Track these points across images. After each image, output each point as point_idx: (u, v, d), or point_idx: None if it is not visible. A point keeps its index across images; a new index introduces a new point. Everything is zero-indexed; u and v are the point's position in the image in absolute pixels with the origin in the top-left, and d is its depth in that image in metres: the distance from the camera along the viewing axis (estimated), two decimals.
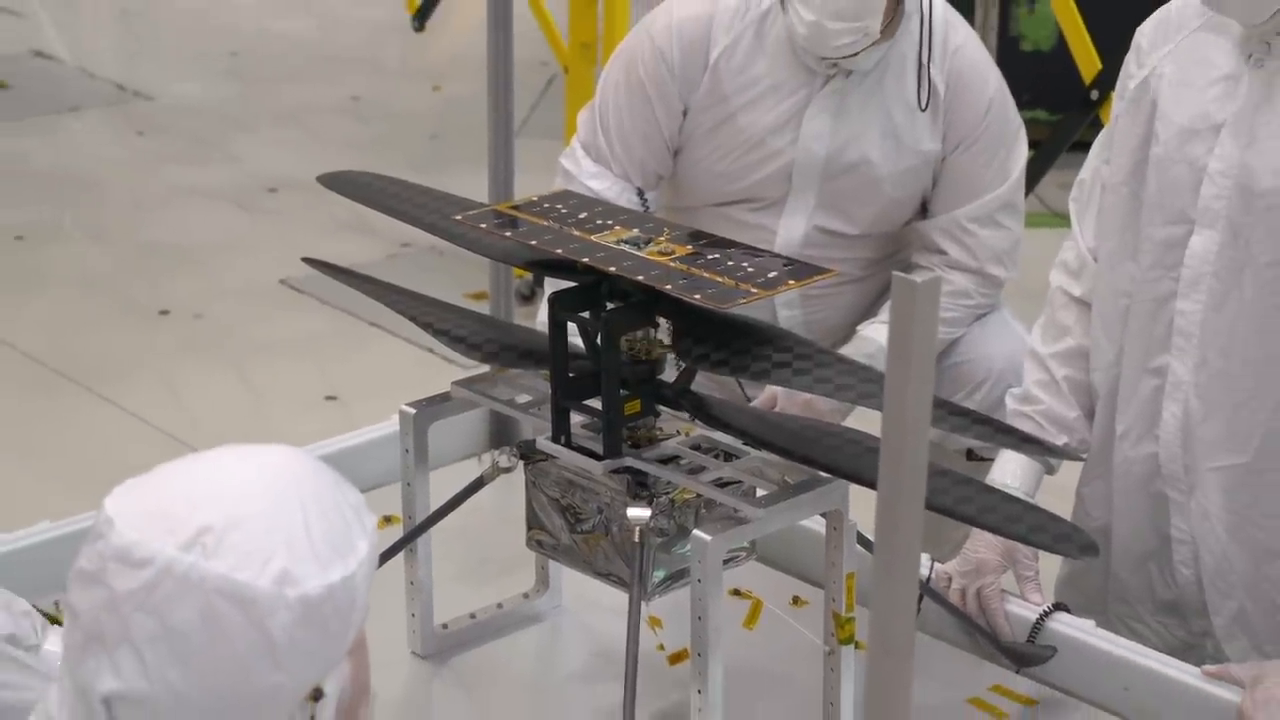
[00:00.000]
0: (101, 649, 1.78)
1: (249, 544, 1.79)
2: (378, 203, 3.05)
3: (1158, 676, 2.88)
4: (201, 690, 1.79)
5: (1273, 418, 2.97)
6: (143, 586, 1.77)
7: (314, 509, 1.85)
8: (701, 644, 2.54)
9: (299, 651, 1.82)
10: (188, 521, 1.79)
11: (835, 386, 2.56)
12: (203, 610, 1.77)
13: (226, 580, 1.77)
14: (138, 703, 1.78)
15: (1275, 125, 2.89)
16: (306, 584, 1.80)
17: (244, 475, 1.86)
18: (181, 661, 1.78)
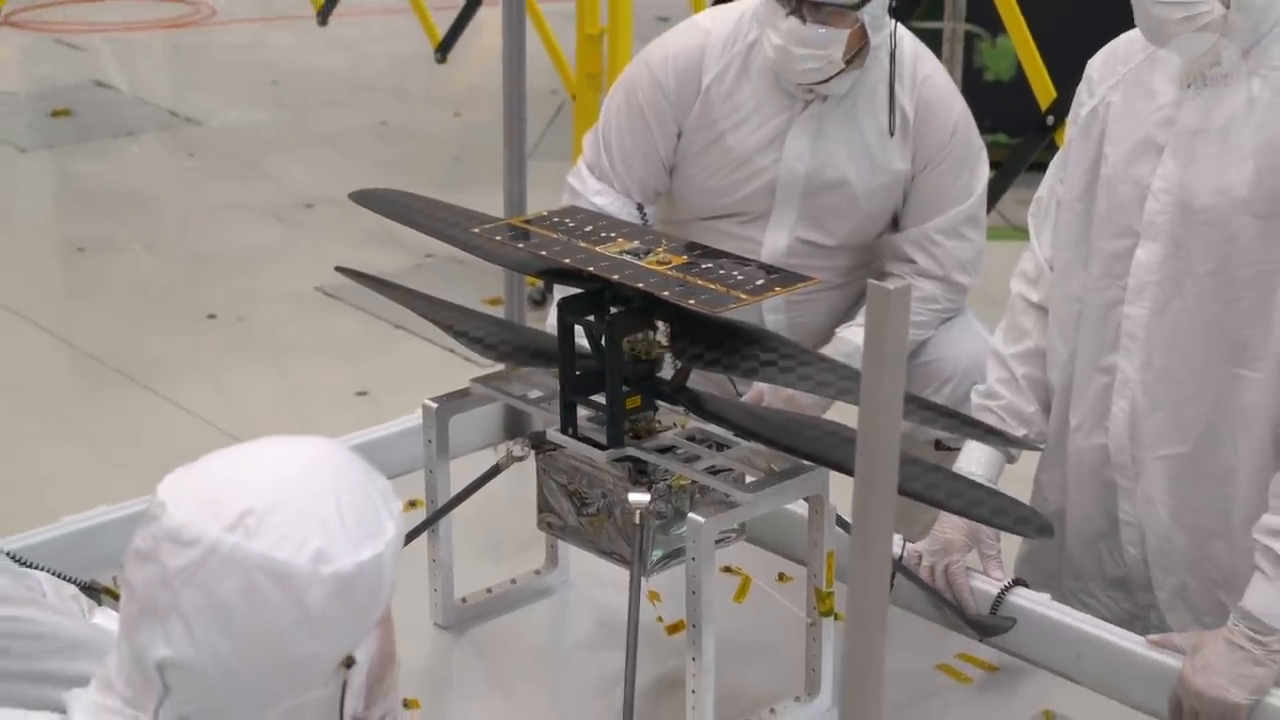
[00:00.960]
0: (155, 620, 1.79)
1: (287, 526, 1.80)
2: (404, 217, 3.04)
3: (1107, 645, 2.89)
4: (244, 658, 1.79)
5: (1211, 412, 2.98)
6: (191, 564, 1.78)
7: (346, 494, 1.85)
8: (696, 616, 2.54)
9: (332, 623, 1.82)
10: (232, 505, 1.79)
11: (816, 383, 2.57)
12: (245, 585, 1.78)
13: (266, 558, 1.78)
14: (187, 668, 1.78)
15: (1211, 148, 2.89)
16: (340, 562, 1.81)
17: (282, 463, 1.86)
18: (226, 632, 1.78)
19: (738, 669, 2.74)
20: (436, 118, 7.61)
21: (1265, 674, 2.76)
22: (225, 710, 1.81)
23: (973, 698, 2.80)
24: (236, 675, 1.80)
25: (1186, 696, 2.77)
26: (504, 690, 2.83)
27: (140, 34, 8.91)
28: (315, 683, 1.84)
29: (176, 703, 1.80)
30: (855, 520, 1.98)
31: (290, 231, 6.45)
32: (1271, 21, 2.83)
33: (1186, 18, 2.81)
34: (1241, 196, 2.87)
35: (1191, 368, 2.97)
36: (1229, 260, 2.90)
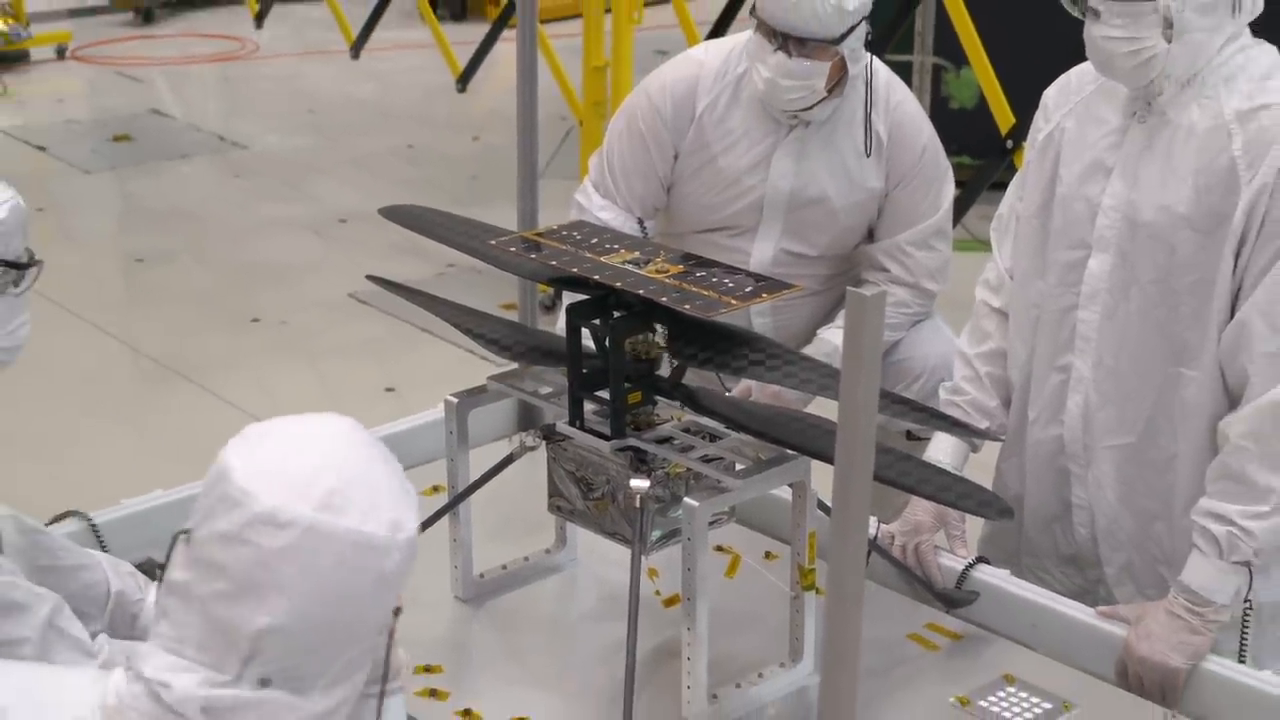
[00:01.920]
0: (255, 596, 1.78)
1: (364, 500, 1.81)
2: (428, 231, 3.03)
3: (1061, 616, 2.89)
4: (333, 620, 1.81)
5: (1155, 406, 2.98)
6: (291, 545, 1.78)
7: (384, 465, 1.87)
8: (690, 590, 2.54)
9: (400, 580, 1.85)
10: (313, 485, 1.79)
11: (799, 380, 2.57)
12: (338, 557, 1.79)
13: (357, 532, 1.79)
14: (283, 633, 1.79)
15: (1155, 169, 2.90)
16: (409, 528, 1.84)
17: (330, 441, 1.87)
18: (321, 600, 1.79)
19: (728, 638, 2.73)
20: (457, 141, 7.60)
21: (1202, 641, 2.76)
22: (303, 666, 1.81)
23: (940, 663, 2.79)
24: (324, 636, 1.81)
25: (1131, 662, 2.78)
26: (517, 657, 2.82)
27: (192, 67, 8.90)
28: (370, 634, 1.86)
29: (262, 664, 1.80)
30: (835, 504, 1.97)
31: (326, 244, 6.45)
32: (1208, 56, 2.84)
33: (1133, 51, 2.81)
34: (1182, 213, 2.86)
35: (1138, 367, 2.97)
36: (1171, 270, 2.90)
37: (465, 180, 7.00)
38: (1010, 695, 2.69)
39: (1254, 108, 2.82)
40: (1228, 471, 2.83)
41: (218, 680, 1.79)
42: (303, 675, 1.81)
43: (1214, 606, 2.80)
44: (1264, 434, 2.80)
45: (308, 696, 1.82)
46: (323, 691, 1.83)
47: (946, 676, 2.75)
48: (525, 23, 3.66)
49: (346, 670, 1.85)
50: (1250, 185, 2.80)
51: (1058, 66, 3.13)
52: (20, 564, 2.40)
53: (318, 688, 1.82)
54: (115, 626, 2.49)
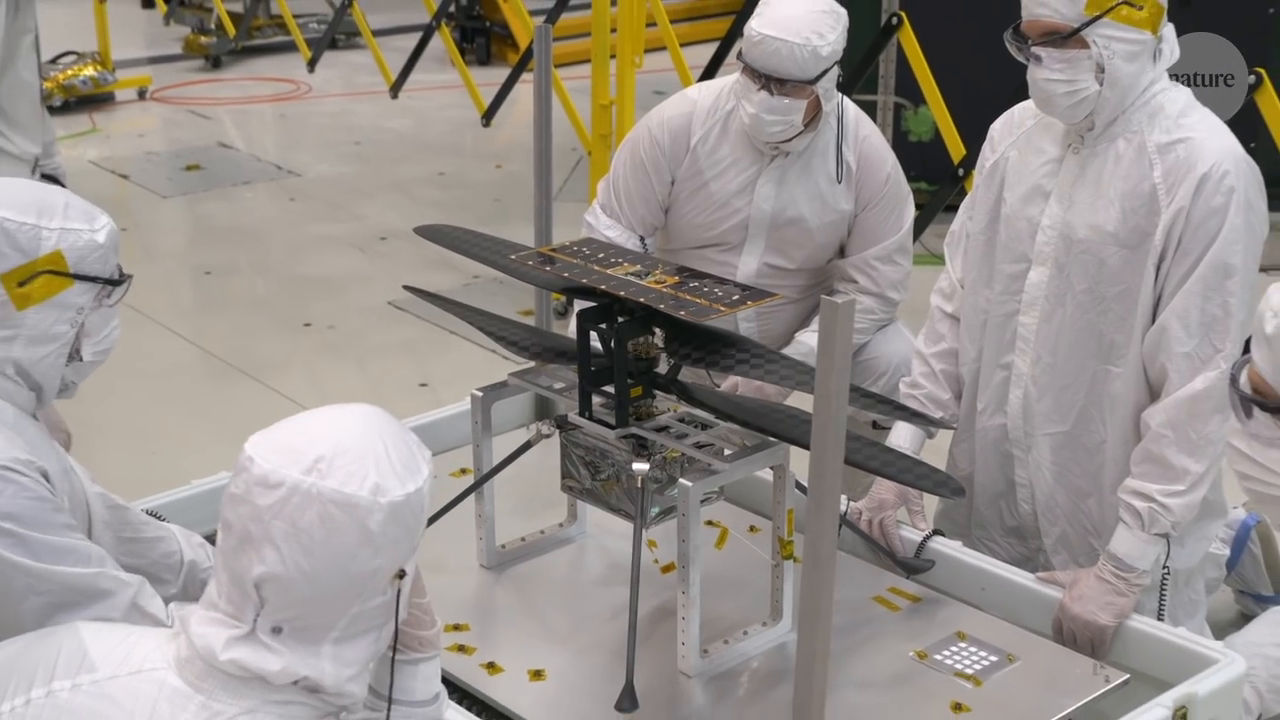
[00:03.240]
0: (251, 547, 1.80)
1: (350, 466, 1.81)
2: (457, 247, 3.03)
3: (1005, 580, 2.89)
4: (323, 573, 1.80)
5: (1086, 398, 2.98)
6: (278, 501, 1.79)
7: (390, 442, 1.86)
8: (685, 559, 2.54)
9: (388, 542, 1.83)
10: (306, 453, 1.81)
11: (779, 377, 2.57)
12: (321, 515, 1.79)
13: (337, 493, 1.79)
14: (278, 583, 1.80)
15: (1087, 193, 2.90)
16: (393, 494, 1.82)
17: (340, 421, 1.87)
18: (308, 552, 1.79)
19: (718, 600, 2.73)
20: (482, 169, 7.59)
21: (1127, 602, 2.77)
22: (308, 616, 1.81)
23: (901, 622, 2.79)
24: (317, 587, 1.80)
25: (1066, 620, 2.78)
26: (534, 617, 2.81)
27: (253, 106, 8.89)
28: (376, 592, 1.85)
29: (270, 613, 1.81)
30: (810, 484, 1.97)
31: (368, 258, 6.43)
32: (1133, 97, 2.84)
33: (1069, 92, 2.81)
34: (1110, 231, 2.86)
35: (1071, 364, 2.97)
36: (1100, 281, 2.90)
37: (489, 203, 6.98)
38: (962, 649, 2.68)
39: (1172, 141, 2.82)
40: (1149, 455, 2.83)
41: (238, 630, 1.81)
42: (309, 626, 1.81)
43: (1137, 572, 2.80)
44: (1180, 423, 2.80)
45: (318, 648, 1.82)
46: (335, 645, 1.83)
47: (906, 633, 2.74)
48: (541, 67, 3.66)
49: (356, 627, 1.84)
50: (1169, 208, 2.80)
51: (1002, 105, 3.13)
52: (107, 536, 2.40)
53: (328, 640, 1.82)
54: (189, 591, 2.49)
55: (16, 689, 1.85)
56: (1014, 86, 2.94)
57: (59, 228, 2.23)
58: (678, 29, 6.36)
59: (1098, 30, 2.76)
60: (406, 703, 2.04)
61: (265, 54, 9.61)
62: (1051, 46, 2.80)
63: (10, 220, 2.20)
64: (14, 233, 2.20)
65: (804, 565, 2.00)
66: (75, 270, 2.25)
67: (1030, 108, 2.98)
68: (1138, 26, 2.77)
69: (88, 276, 2.26)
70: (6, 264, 2.20)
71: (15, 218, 2.21)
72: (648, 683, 2.54)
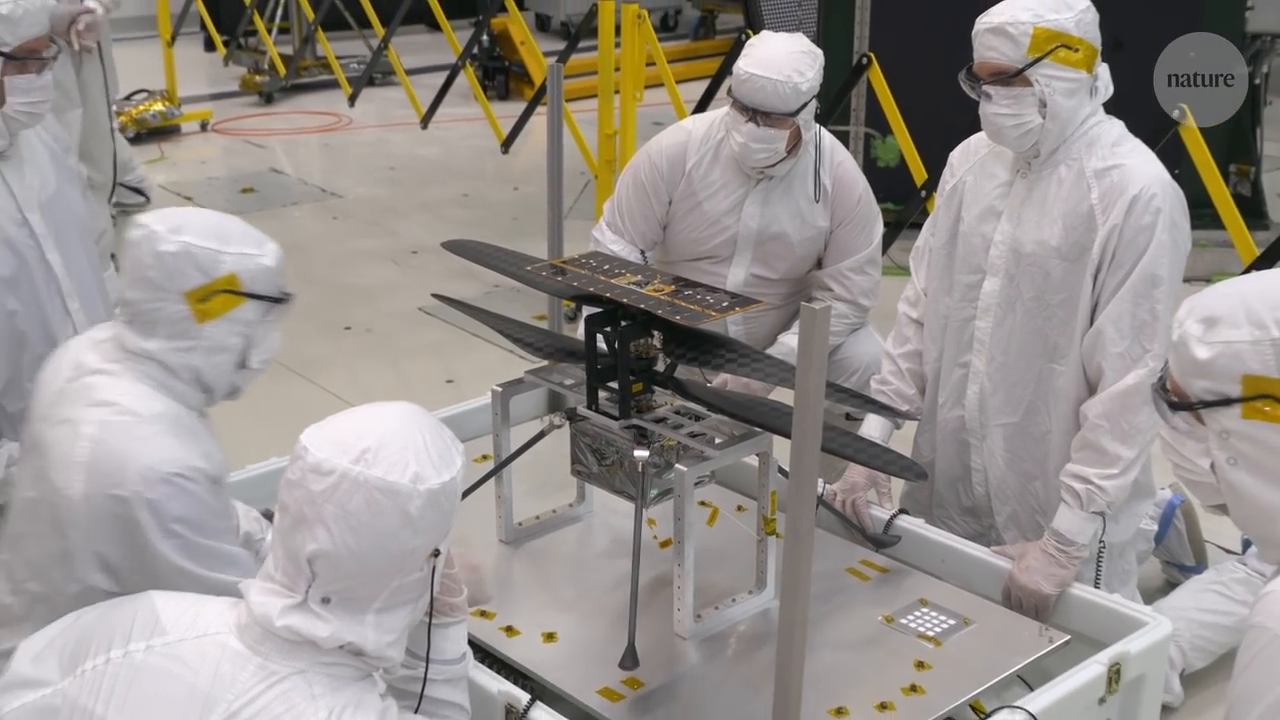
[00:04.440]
0: (305, 527, 1.80)
1: (393, 457, 1.81)
2: (479, 259, 3.02)
3: (962, 553, 2.89)
4: (367, 550, 1.80)
5: (1034, 393, 2.98)
6: (330, 487, 1.79)
7: (429, 436, 1.86)
8: (680, 535, 2.53)
9: (426, 524, 1.83)
10: (354, 445, 1.81)
11: (764, 374, 2.57)
12: (367, 499, 1.79)
13: (382, 480, 1.79)
14: (328, 558, 1.80)
15: (1033, 213, 2.90)
16: (430, 481, 1.82)
17: (383, 417, 1.87)
18: (354, 532, 1.79)
19: (709, 571, 2.72)
20: (501, 191, 7.57)
21: (1068, 573, 2.76)
22: (354, 589, 1.81)
23: (870, 591, 2.78)
24: (362, 563, 1.80)
25: (1015, 588, 2.77)
26: (547, 586, 2.81)
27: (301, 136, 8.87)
28: (414, 568, 1.85)
29: (320, 585, 1.81)
30: (791, 469, 1.96)
31: (402, 270, 6.41)
32: (1073, 128, 2.84)
33: (1016, 125, 2.82)
34: (1054, 246, 2.86)
35: (1021, 363, 2.97)
36: (1045, 289, 2.90)
37: (507, 221, 6.96)
38: (924, 614, 2.68)
39: (1107, 167, 2.82)
40: (1087, 443, 2.83)
41: (292, 600, 1.81)
42: (355, 597, 1.81)
43: (1077, 546, 2.80)
44: (1114, 414, 2.80)
45: (362, 616, 1.82)
46: (377, 615, 1.83)
47: (875, 600, 2.74)
48: (553, 101, 3.65)
49: (396, 599, 1.84)
50: (1104, 226, 2.80)
51: (960, 135, 3.13)
52: None
53: (372, 610, 1.82)
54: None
55: (98, 649, 1.85)
56: (969, 120, 2.93)
57: (235, 252, 2.27)
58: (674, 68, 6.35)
59: (1040, 70, 2.76)
60: (438, 661, 2.04)
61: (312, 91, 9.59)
62: (1000, 85, 2.80)
63: (195, 245, 2.23)
64: (197, 256, 2.23)
65: (785, 540, 2.00)
66: (248, 289, 2.29)
67: (984, 138, 2.98)
68: (1075, 67, 2.77)
69: (258, 295, 2.30)
70: (190, 283, 2.24)
71: (199, 243, 2.24)
72: (647, 644, 2.54)
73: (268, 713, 1.77)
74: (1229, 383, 1.69)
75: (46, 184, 2.85)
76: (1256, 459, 1.70)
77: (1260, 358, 1.67)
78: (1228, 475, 1.73)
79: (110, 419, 2.20)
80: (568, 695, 2.46)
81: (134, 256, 2.25)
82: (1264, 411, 1.67)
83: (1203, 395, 1.72)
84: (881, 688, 2.46)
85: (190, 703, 1.78)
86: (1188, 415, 1.74)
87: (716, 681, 2.50)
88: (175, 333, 2.26)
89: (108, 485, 2.16)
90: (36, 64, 2.72)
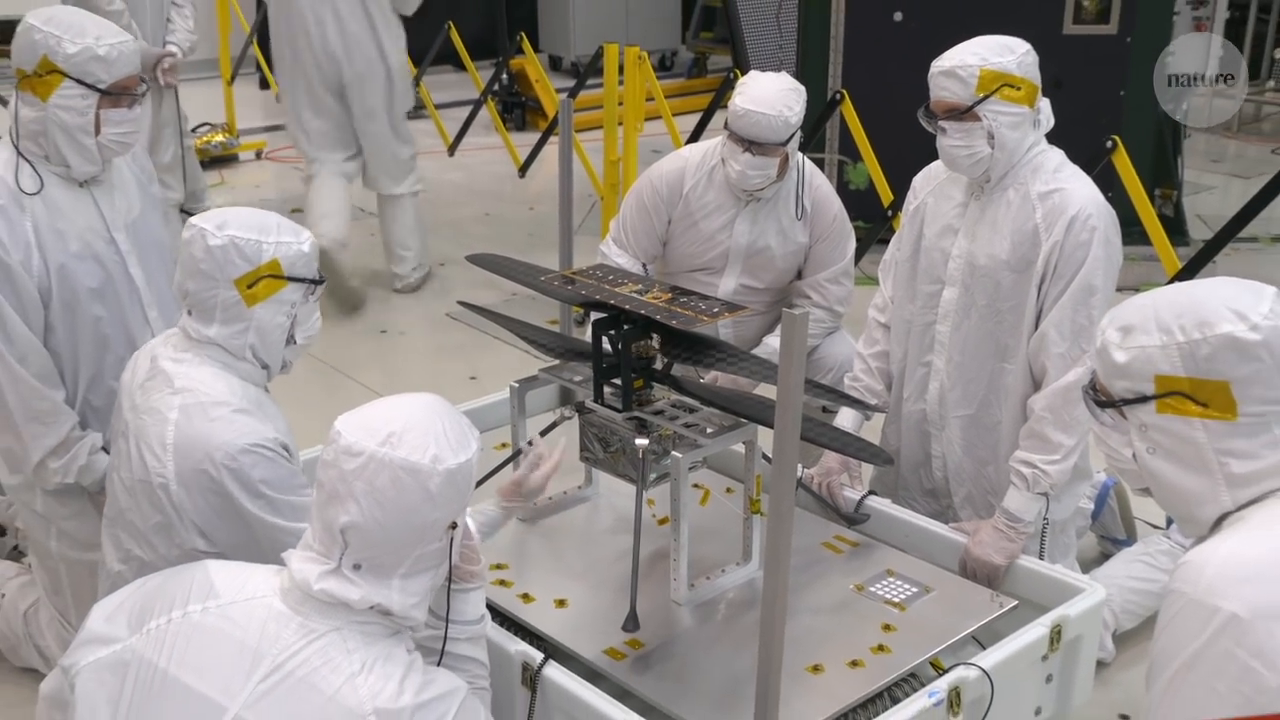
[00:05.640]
0: (338, 501, 1.81)
1: (415, 441, 1.81)
2: (499, 270, 3.02)
3: (923, 530, 2.89)
4: (392, 522, 1.81)
5: (987, 389, 2.98)
6: (359, 466, 1.80)
7: (447, 423, 1.86)
8: (676, 514, 2.53)
9: (444, 500, 1.83)
10: (381, 430, 1.81)
11: (750, 372, 2.56)
12: (392, 478, 1.80)
13: (405, 461, 1.79)
14: (358, 529, 1.80)
15: (986, 230, 2.91)
16: (448, 462, 1.82)
17: (408, 406, 1.87)
18: (381, 506, 1.80)
19: (701, 545, 2.72)
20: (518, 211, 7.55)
21: (1016, 547, 2.76)
22: (381, 557, 1.81)
23: (843, 562, 2.78)
24: (388, 534, 1.80)
25: (969, 560, 2.77)
26: (560, 558, 2.80)
27: None
28: (434, 539, 1.85)
29: (351, 553, 1.81)
30: (774, 455, 1.96)
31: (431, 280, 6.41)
32: (1019, 156, 2.84)
33: (968, 155, 2.81)
34: (1003, 260, 2.86)
35: (975, 362, 2.97)
36: (997, 298, 2.89)
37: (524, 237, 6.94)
38: (890, 583, 2.67)
39: (1049, 190, 2.82)
40: (1033, 433, 2.83)
41: (328, 566, 1.81)
42: (383, 564, 1.81)
43: (1024, 523, 2.79)
44: (1057, 408, 2.80)
45: (389, 581, 1.82)
46: (402, 580, 1.83)
47: (847, 571, 2.73)
48: (564, 132, 3.64)
49: (419, 566, 1.84)
50: (1047, 242, 2.80)
51: (922, 161, 3.12)
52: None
53: (397, 575, 1.83)
54: None
55: (161, 610, 1.86)
56: (929, 149, 2.93)
57: (275, 241, 2.30)
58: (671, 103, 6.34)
59: (987, 107, 2.76)
60: (459, 622, 2.04)
61: None
62: (953, 120, 2.79)
63: (240, 237, 2.27)
64: (243, 247, 2.26)
65: (768, 518, 1.99)
66: (289, 273, 2.31)
67: (942, 165, 2.97)
68: (1018, 103, 2.77)
69: (298, 278, 2.33)
70: (238, 271, 2.27)
71: (243, 235, 2.27)
72: (647, 609, 2.53)
73: (308, 665, 1.77)
74: (1144, 382, 1.72)
75: (132, 207, 2.87)
76: (1170, 448, 1.72)
77: (1169, 359, 1.69)
78: (1148, 463, 1.75)
79: (189, 403, 2.25)
80: (577, 654, 2.45)
81: (188, 252, 2.29)
82: (1174, 406, 1.70)
83: (1123, 394, 1.74)
84: (853, 647, 2.45)
85: (241, 656, 1.79)
86: (1112, 412, 1.77)
87: (708, 642, 2.49)
88: (229, 317, 2.30)
89: (196, 462, 2.21)
90: (128, 99, 2.74)
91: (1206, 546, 1.64)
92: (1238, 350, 1.65)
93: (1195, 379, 1.67)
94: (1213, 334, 1.66)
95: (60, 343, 2.75)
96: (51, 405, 2.71)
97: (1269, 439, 1.67)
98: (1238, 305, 1.67)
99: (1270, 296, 1.69)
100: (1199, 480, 1.70)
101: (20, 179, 2.68)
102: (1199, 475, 1.70)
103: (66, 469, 2.74)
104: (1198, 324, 1.67)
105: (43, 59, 2.64)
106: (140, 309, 2.87)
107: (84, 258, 2.74)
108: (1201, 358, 1.67)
